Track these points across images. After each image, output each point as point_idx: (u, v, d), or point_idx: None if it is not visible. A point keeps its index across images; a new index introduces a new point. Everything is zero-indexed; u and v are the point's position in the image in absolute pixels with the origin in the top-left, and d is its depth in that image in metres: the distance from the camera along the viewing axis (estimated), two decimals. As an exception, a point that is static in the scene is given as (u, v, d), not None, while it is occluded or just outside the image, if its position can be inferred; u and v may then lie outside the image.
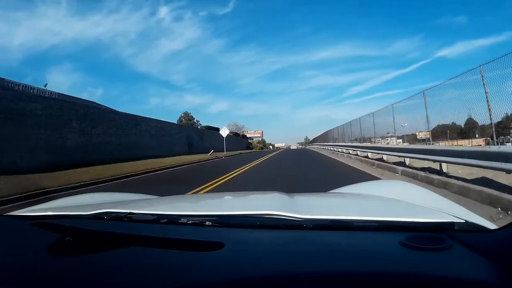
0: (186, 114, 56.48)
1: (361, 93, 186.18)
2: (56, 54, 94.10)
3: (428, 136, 8.50)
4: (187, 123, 47.84)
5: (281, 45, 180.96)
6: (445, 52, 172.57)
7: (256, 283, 0.53)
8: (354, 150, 14.48)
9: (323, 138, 33.30)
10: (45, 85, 15.24)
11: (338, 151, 18.34)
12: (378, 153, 10.58)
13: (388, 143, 12.75)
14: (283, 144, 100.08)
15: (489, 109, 5.65)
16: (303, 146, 76.72)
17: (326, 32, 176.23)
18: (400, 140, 13.13)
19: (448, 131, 9.79)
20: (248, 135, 74.38)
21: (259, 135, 77.58)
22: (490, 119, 5.71)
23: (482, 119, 6.14)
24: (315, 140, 47.84)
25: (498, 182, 4.46)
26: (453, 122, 9.92)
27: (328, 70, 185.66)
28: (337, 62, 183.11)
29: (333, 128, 25.02)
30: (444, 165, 6.01)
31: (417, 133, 9.86)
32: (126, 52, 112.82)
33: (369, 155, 11.93)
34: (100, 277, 0.58)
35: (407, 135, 11.94)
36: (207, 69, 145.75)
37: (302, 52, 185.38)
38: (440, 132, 9.25)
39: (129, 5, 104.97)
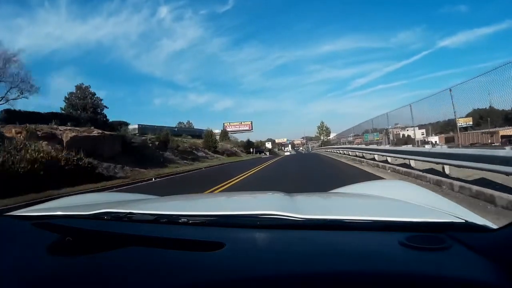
0: (80, 87, 25.99)
1: (365, 85, 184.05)
2: (57, 59, 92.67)
3: (469, 122, 7.10)
4: (81, 103, 24.27)
5: (283, 41, 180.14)
6: (447, 42, 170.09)
7: (256, 283, 0.55)
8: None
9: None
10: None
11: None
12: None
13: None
14: (285, 140, 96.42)
15: None
16: (316, 149, 49.34)
17: (328, 25, 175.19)
18: (424, 130, 11.47)
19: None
20: (229, 128, 49.11)
21: (246, 127, 52.07)
22: None
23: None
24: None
25: None
26: (490, 106, 8.32)
27: (332, 63, 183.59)
28: (341, 56, 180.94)
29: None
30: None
31: (456, 119, 8.33)
32: (129, 54, 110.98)
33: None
34: (100, 277, 0.61)
35: (431, 124, 10.33)
36: (210, 68, 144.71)
37: (305, 47, 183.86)
38: (480, 119, 7.76)
39: (130, 7, 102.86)
